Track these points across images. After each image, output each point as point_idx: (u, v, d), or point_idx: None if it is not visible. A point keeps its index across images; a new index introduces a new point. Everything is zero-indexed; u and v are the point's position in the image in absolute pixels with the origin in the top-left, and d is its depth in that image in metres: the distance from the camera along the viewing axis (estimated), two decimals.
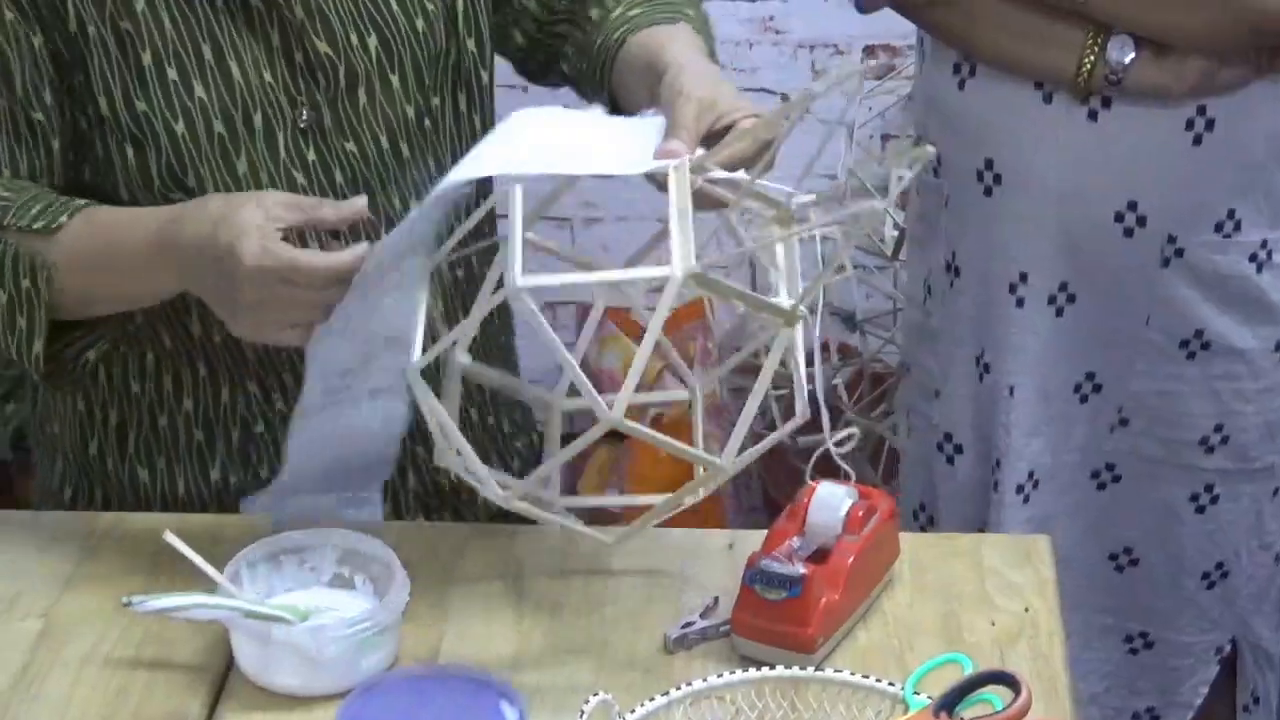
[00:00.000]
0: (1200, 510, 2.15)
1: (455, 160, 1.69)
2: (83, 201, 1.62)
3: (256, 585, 1.56)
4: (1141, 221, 2.01)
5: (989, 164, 2.06)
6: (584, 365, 1.49)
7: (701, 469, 1.50)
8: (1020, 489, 2.15)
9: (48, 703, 1.51)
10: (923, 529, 2.27)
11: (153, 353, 1.75)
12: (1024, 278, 2.07)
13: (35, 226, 1.60)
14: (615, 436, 3.02)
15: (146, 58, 1.61)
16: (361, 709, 1.47)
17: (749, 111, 1.54)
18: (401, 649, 1.54)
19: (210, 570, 1.51)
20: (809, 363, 1.47)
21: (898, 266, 3.12)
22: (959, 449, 2.21)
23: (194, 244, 1.53)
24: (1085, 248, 2.04)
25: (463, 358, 1.55)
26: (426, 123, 1.72)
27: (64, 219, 1.60)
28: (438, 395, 1.50)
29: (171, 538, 1.51)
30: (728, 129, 1.52)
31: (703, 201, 1.48)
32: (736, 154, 1.50)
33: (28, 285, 1.61)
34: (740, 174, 1.51)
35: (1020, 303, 2.09)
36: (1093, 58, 1.93)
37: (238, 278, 1.49)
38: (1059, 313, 2.08)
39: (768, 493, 3.03)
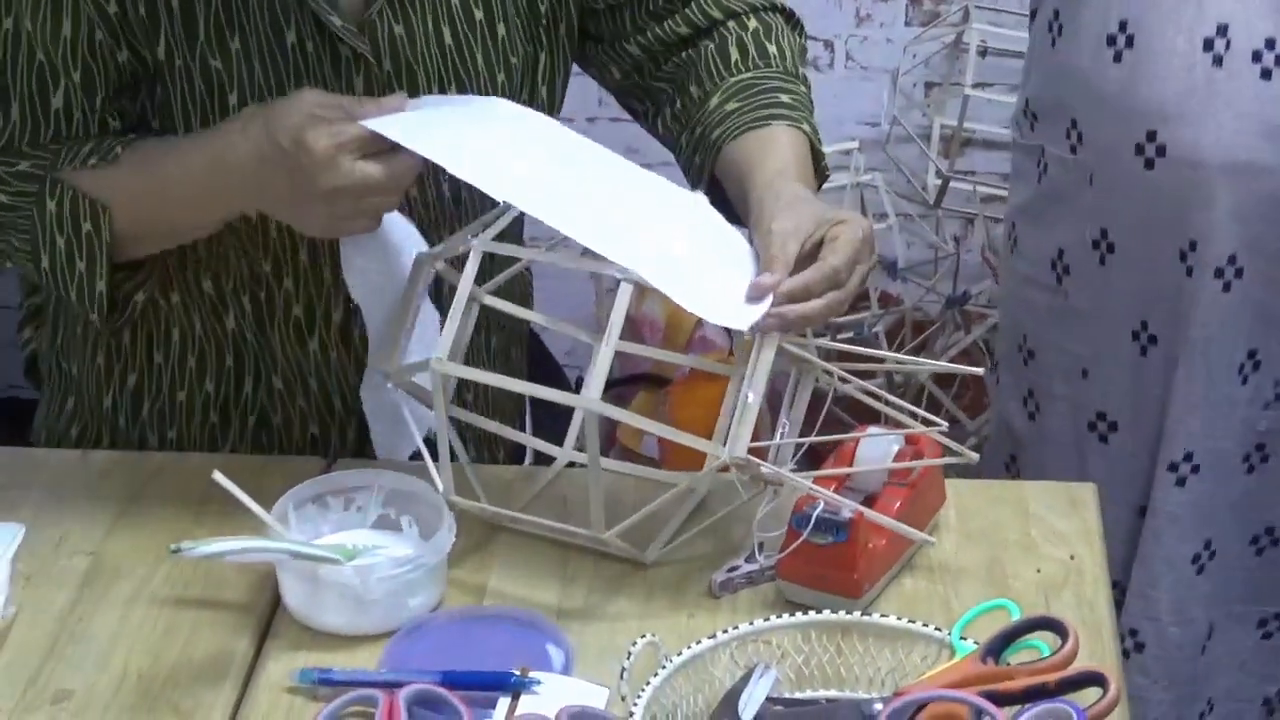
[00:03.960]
0: None
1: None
2: (131, 135, 1.63)
3: (303, 526, 1.56)
4: None
5: (1151, 136, 2.00)
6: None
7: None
8: (1174, 467, 2.11)
9: (95, 641, 1.52)
10: None
11: (179, 330, 1.75)
12: (1193, 246, 2.03)
13: (91, 162, 1.61)
14: (655, 382, 3.03)
15: (233, 99, 1.62)
16: (408, 649, 1.48)
17: (837, 219, 1.54)
18: (448, 590, 1.55)
19: (259, 510, 1.52)
20: None
21: (940, 214, 3.11)
22: (1113, 427, 2.16)
23: (253, 157, 1.54)
24: (1259, 212, 2.00)
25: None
26: None
27: (118, 150, 1.61)
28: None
29: (220, 477, 1.51)
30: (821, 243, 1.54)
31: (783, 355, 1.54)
32: (812, 283, 1.51)
33: (88, 228, 1.63)
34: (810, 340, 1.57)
35: (1190, 272, 2.04)
36: None
37: (313, 169, 1.51)
38: (1226, 287, 2.04)
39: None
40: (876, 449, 1.57)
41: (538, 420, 1.93)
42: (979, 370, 1.63)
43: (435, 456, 1.56)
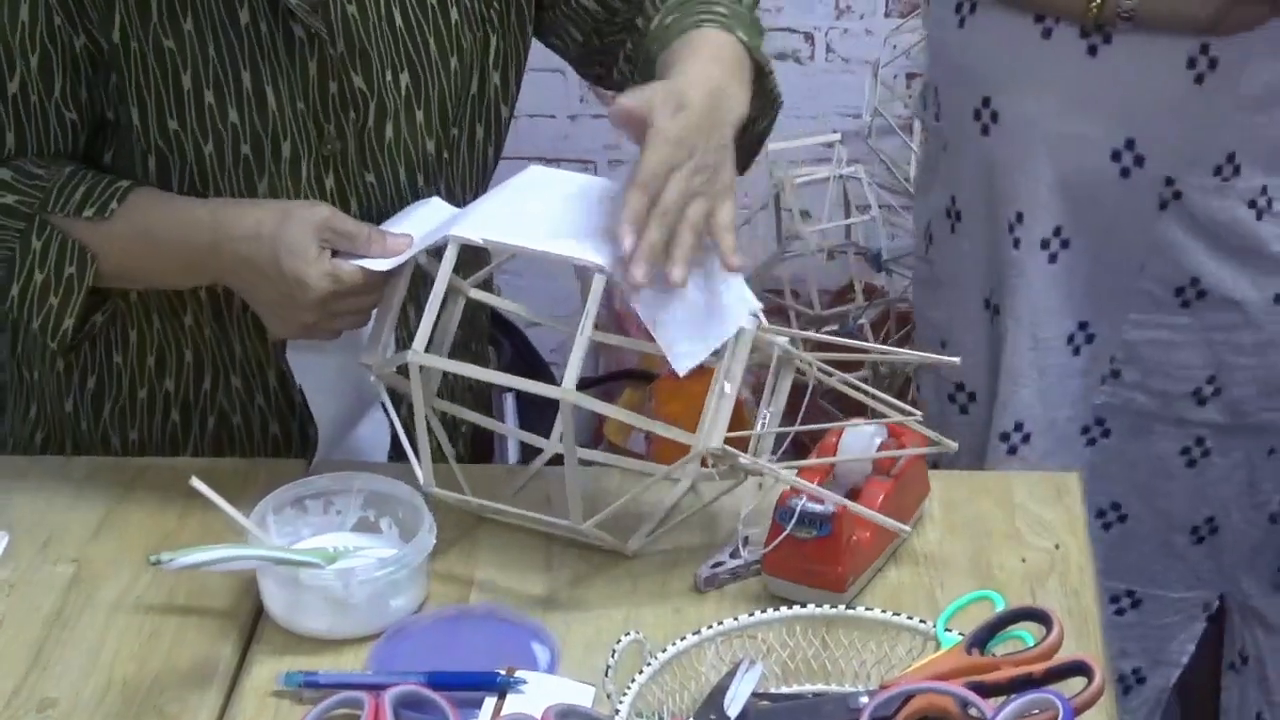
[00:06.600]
0: (1191, 464, 2.12)
1: (465, 191, 1.71)
2: (125, 183, 1.63)
3: (283, 529, 1.56)
4: (1139, 161, 1.97)
5: (986, 102, 2.03)
6: (607, 299, 1.49)
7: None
8: (1005, 436, 2.11)
9: (80, 648, 1.51)
10: None
11: (137, 330, 1.75)
12: (1020, 218, 2.04)
13: (86, 214, 1.61)
14: (641, 379, 3.02)
15: (186, 80, 1.61)
16: (393, 650, 1.47)
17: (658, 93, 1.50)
18: (431, 591, 1.54)
19: (237, 516, 1.51)
20: None
21: None
22: (972, 397, 2.17)
23: (251, 265, 1.56)
24: (1081, 189, 2.01)
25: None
26: (445, 155, 1.72)
27: (114, 205, 1.61)
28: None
29: (198, 484, 1.51)
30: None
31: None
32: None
33: (71, 271, 1.63)
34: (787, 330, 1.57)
35: (1016, 244, 2.05)
36: None
37: (304, 303, 1.55)
38: (1052, 259, 2.05)
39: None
40: (859, 441, 1.57)
41: (525, 419, 1.93)
42: (955, 360, 1.63)
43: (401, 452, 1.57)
